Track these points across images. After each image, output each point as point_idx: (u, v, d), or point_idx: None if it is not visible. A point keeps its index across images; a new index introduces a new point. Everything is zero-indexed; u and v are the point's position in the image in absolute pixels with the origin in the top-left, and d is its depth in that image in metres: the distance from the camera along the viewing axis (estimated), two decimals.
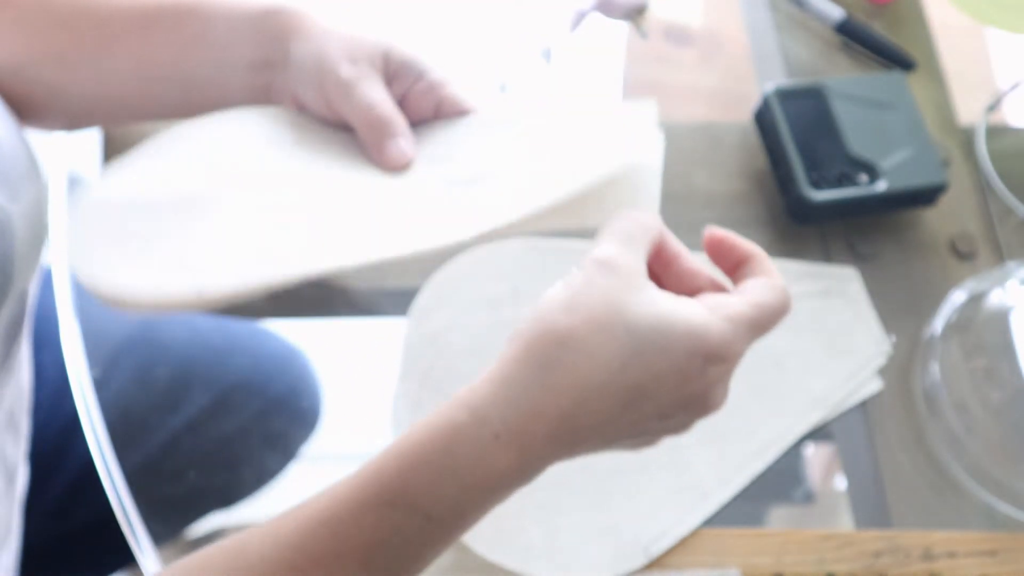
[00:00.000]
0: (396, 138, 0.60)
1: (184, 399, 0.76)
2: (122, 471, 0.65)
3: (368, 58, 0.61)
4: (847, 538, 0.66)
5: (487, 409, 0.45)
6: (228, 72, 0.63)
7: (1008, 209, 0.79)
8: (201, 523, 0.73)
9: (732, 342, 0.46)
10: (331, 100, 0.61)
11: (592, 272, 0.46)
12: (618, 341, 0.45)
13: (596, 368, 0.45)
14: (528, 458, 0.45)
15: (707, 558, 0.64)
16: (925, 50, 0.87)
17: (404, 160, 0.60)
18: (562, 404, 0.45)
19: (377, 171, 0.60)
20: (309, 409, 0.82)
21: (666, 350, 0.45)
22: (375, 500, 0.44)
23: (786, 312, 0.49)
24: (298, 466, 0.77)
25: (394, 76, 0.62)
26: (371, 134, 0.60)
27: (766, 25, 0.89)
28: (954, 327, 0.72)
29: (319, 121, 0.63)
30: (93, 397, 0.67)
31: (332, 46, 0.60)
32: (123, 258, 0.55)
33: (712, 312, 0.46)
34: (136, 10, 0.62)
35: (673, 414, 0.47)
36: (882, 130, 0.77)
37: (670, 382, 0.45)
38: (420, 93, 0.62)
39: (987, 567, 0.65)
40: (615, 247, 0.47)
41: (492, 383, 0.45)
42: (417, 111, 0.62)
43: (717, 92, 0.91)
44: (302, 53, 0.61)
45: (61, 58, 0.61)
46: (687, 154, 0.80)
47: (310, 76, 0.61)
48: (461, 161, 0.60)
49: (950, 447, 0.69)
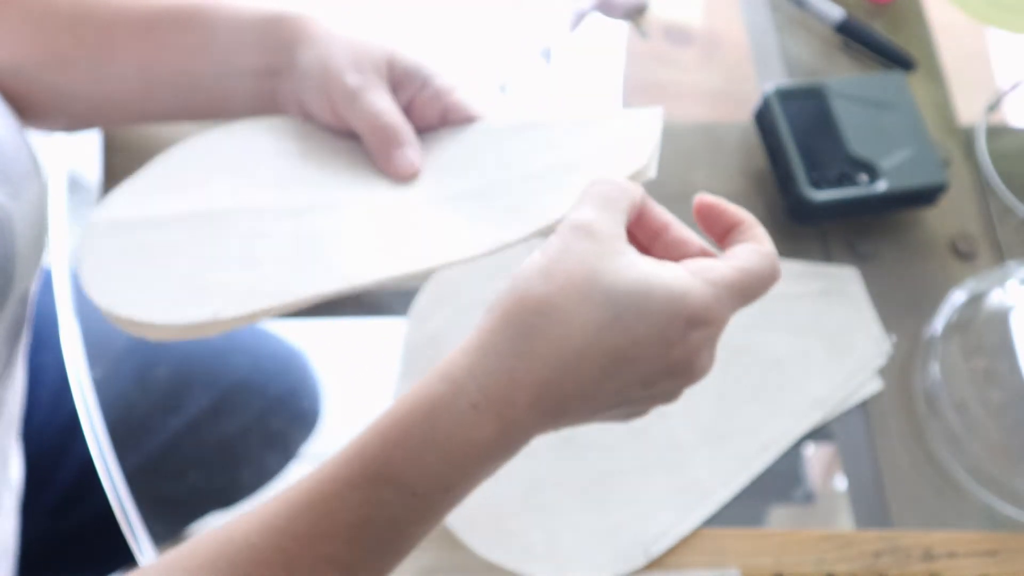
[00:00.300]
0: (403, 147, 0.60)
1: (184, 399, 0.76)
2: (122, 471, 0.65)
3: (373, 65, 0.60)
4: (847, 538, 0.66)
5: (465, 379, 0.44)
6: (233, 78, 0.62)
7: (1008, 209, 0.79)
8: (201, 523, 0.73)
9: (714, 306, 0.45)
10: (337, 108, 0.60)
11: (569, 237, 0.46)
12: (596, 306, 0.44)
13: (574, 334, 0.44)
14: (509, 427, 0.44)
15: (707, 558, 0.64)
16: (925, 50, 0.87)
17: (412, 170, 0.60)
18: (540, 371, 0.44)
19: (385, 182, 0.60)
20: (309, 409, 0.82)
21: (646, 314, 0.44)
22: (359, 478, 0.44)
23: (774, 279, 0.48)
24: (298, 466, 0.77)
25: (400, 83, 0.61)
26: (378, 143, 0.60)
27: (766, 25, 0.89)
28: (954, 327, 0.72)
29: (326, 130, 0.62)
30: (93, 397, 0.67)
31: (337, 54, 0.60)
32: (137, 282, 0.55)
33: (694, 276, 0.45)
34: (139, 14, 0.62)
35: (657, 380, 0.46)
36: (882, 130, 0.77)
37: (651, 347, 0.45)
38: (426, 100, 0.62)
39: (987, 567, 0.65)
40: (593, 211, 0.46)
41: (469, 353, 0.45)
42: (423, 118, 0.62)
43: (717, 92, 0.91)
44: (307, 61, 0.60)
45: (63, 60, 0.61)
46: (687, 154, 0.80)
47: (316, 84, 0.60)
48: (469, 173, 0.59)
49: (950, 447, 0.69)
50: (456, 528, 0.62)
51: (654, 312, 0.44)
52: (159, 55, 0.62)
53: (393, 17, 0.95)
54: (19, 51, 0.61)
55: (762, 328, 0.72)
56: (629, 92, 0.91)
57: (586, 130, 0.59)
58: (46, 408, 0.76)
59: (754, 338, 0.71)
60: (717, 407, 0.69)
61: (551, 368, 0.44)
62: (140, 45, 0.62)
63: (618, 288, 0.44)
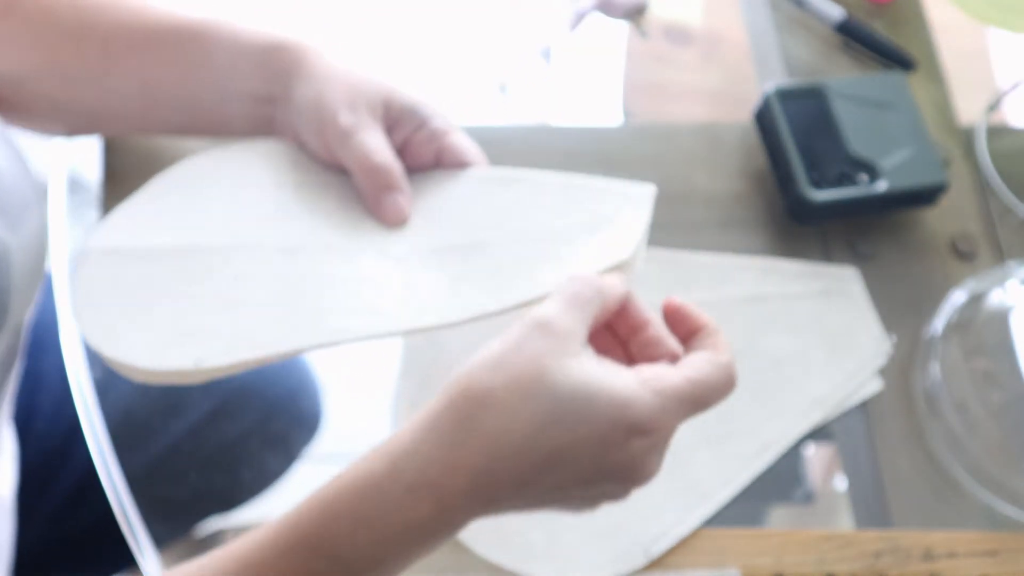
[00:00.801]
0: (393, 193, 0.60)
1: (185, 403, 0.76)
2: (124, 475, 0.65)
3: (368, 104, 0.60)
4: (847, 538, 0.66)
5: (405, 460, 0.45)
6: (231, 100, 0.63)
7: (1008, 209, 0.79)
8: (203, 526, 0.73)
9: (659, 416, 0.46)
10: (330, 146, 0.60)
11: (526, 332, 0.46)
12: (539, 404, 0.45)
13: (513, 429, 0.45)
14: (446, 511, 0.45)
15: (707, 558, 0.64)
16: (925, 50, 0.87)
17: (400, 217, 0.60)
18: (476, 462, 0.45)
19: (375, 224, 0.61)
20: (310, 411, 0.82)
21: (587, 419, 0.45)
22: (297, 545, 0.45)
23: (728, 389, 0.48)
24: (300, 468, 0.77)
25: (395, 122, 0.61)
26: (368, 185, 0.60)
27: (766, 25, 0.89)
28: (954, 327, 0.72)
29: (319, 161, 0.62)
30: (94, 401, 0.67)
31: (333, 90, 0.60)
32: (125, 320, 0.56)
33: (643, 384, 0.46)
34: (140, 28, 0.62)
35: (596, 481, 0.47)
36: (882, 130, 0.77)
37: (590, 450, 0.45)
38: (421, 141, 0.62)
39: (987, 567, 0.65)
40: (557, 309, 0.47)
41: (414, 432, 0.46)
42: (417, 159, 0.62)
43: (717, 92, 0.91)
44: (303, 95, 0.60)
45: (64, 73, 0.61)
46: (687, 154, 0.80)
47: (310, 119, 0.60)
48: (458, 226, 0.60)
49: (950, 447, 0.70)
50: None
51: (596, 417, 0.45)
52: (159, 71, 0.62)
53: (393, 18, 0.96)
54: (20, 61, 0.61)
55: (762, 328, 0.72)
56: (629, 92, 0.91)
57: (577, 195, 0.60)
58: (47, 413, 0.76)
59: (754, 338, 0.72)
60: (717, 407, 0.69)
61: (488, 459, 0.45)
62: (140, 60, 0.62)
63: (563, 389, 0.45)
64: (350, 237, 0.60)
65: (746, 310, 0.72)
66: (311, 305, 0.57)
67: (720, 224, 0.77)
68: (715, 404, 0.48)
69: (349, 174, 0.61)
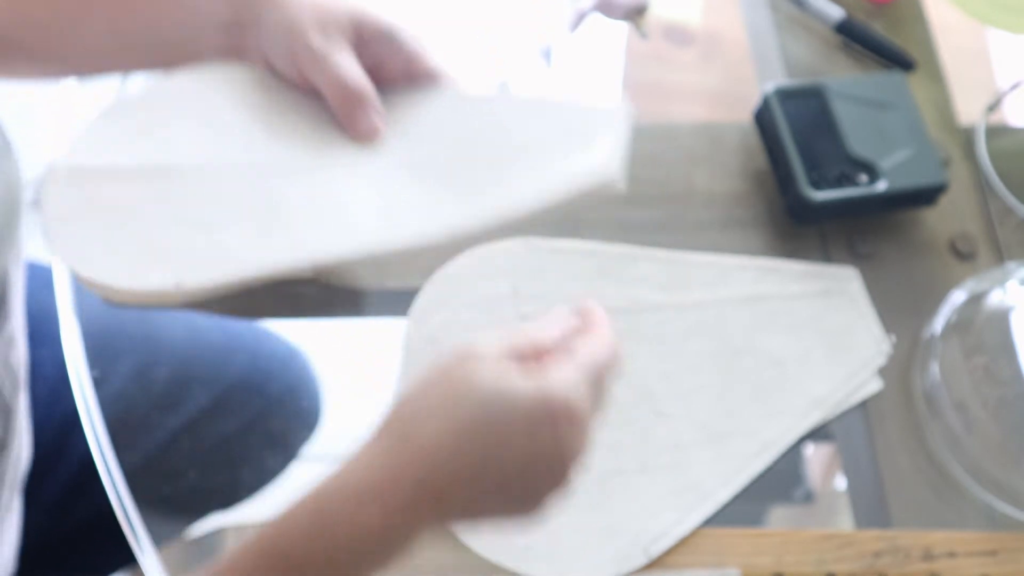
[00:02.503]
0: (367, 111, 0.61)
1: (184, 398, 0.76)
2: (122, 470, 0.65)
3: (338, 27, 0.61)
4: (847, 538, 0.66)
5: (355, 472, 0.48)
6: (201, 32, 0.63)
7: (1008, 209, 0.79)
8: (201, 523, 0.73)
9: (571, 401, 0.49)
10: (302, 68, 0.61)
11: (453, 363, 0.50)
12: (466, 411, 0.48)
13: (446, 434, 0.48)
14: (393, 521, 0.47)
15: (707, 558, 0.64)
16: (925, 50, 0.87)
17: (374, 132, 0.61)
18: (416, 470, 0.47)
19: (349, 143, 0.60)
20: (309, 409, 0.82)
21: (512, 416, 0.48)
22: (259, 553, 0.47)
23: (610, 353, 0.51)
24: (298, 466, 0.77)
25: (366, 44, 0.62)
26: (342, 105, 0.61)
27: (766, 25, 0.89)
28: (954, 327, 0.72)
29: (291, 85, 0.63)
30: (93, 396, 0.67)
31: (302, 14, 0.61)
32: (101, 240, 0.54)
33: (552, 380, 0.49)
34: None
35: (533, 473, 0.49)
36: (882, 130, 0.77)
37: (519, 442, 0.48)
38: (394, 62, 0.63)
39: (987, 567, 0.65)
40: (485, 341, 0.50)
41: (365, 446, 0.49)
42: (390, 78, 0.63)
43: (717, 92, 0.91)
44: (272, 20, 0.61)
45: (37, 22, 0.62)
46: (687, 154, 0.80)
47: (281, 43, 0.61)
48: (434, 142, 0.60)
49: (950, 447, 0.69)
50: None
51: (519, 411, 0.48)
52: (131, 14, 0.63)
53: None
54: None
55: (762, 328, 0.72)
56: (629, 92, 0.91)
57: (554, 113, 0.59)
58: (43, 403, 0.76)
59: (754, 338, 0.71)
60: (717, 407, 0.69)
61: (428, 467, 0.48)
62: (113, 5, 0.62)
63: (488, 393, 0.48)
64: (325, 157, 0.60)
65: (746, 310, 0.72)
66: (288, 225, 0.56)
67: (720, 224, 0.77)
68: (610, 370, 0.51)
69: (322, 96, 0.62)
